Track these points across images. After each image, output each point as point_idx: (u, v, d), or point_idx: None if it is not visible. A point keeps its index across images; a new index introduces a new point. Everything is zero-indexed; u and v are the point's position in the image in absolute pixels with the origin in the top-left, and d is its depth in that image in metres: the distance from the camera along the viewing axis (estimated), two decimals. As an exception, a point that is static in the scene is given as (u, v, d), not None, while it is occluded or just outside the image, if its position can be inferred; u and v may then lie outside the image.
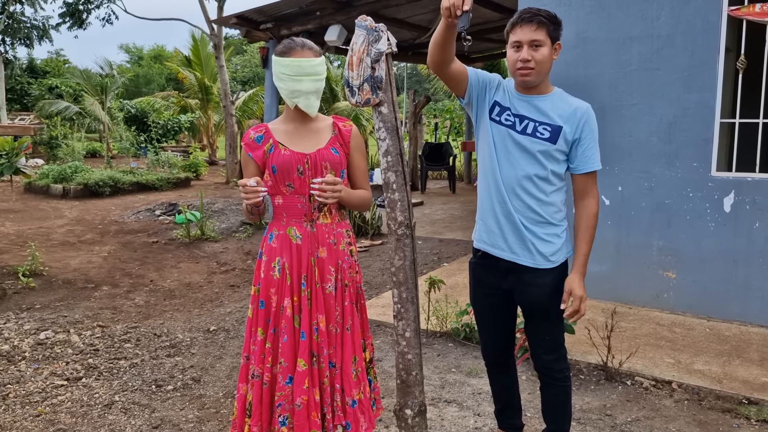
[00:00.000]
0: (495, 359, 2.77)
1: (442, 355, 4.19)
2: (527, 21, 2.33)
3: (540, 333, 2.58)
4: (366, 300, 5.29)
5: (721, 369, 3.82)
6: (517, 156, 2.42)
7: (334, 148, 2.52)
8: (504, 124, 2.45)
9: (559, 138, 2.39)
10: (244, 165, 2.56)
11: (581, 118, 2.40)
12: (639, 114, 4.83)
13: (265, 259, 2.50)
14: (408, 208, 3.06)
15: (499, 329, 2.70)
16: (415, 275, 3.09)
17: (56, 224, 9.71)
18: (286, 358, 2.44)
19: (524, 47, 2.33)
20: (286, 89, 2.43)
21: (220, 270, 6.82)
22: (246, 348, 2.54)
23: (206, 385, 3.80)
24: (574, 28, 4.98)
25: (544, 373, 2.63)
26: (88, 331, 4.75)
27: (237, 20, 8.70)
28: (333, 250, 2.51)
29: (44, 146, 19.39)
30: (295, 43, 2.46)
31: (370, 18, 2.99)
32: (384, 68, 2.97)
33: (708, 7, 4.50)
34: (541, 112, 2.42)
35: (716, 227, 4.62)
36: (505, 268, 2.51)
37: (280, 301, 2.47)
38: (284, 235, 2.49)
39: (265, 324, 2.49)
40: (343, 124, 2.60)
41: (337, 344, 2.52)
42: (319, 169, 2.46)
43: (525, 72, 2.35)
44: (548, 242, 2.46)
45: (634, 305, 4.99)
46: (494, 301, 2.63)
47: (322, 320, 2.48)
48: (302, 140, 2.51)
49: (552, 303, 2.49)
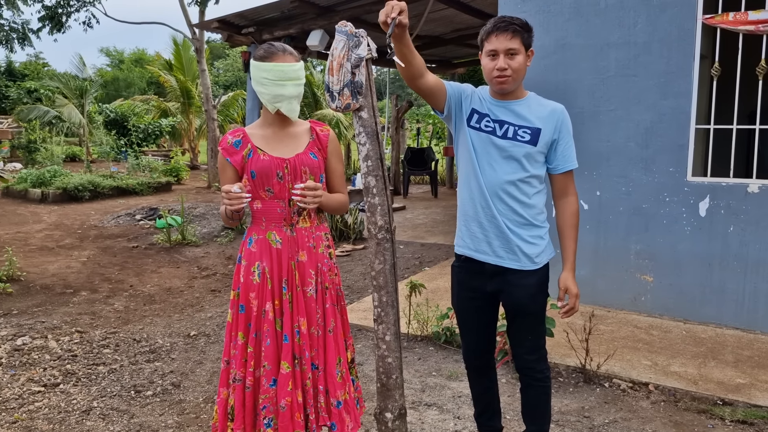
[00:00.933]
0: (476, 362, 2.79)
1: (422, 358, 4.20)
2: (503, 30, 2.37)
3: (523, 333, 2.62)
4: (348, 304, 5.32)
5: (697, 371, 3.88)
6: (500, 160, 2.46)
7: (313, 153, 2.53)
8: (484, 131, 2.49)
9: (539, 140, 2.44)
10: (222, 170, 2.54)
11: (558, 119, 2.46)
12: (616, 119, 4.90)
13: (245, 264, 2.51)
14: (388, 213, 3.08)
15: (481, 332, 2.73)
16: (395, 279, 3.10)
17: (34, 229, 9.59)
18: (269, 362, 2.45)
19: (500, 56, 2.38)
20: (268, 94, 2.43)
21: (201, 275, 6.78)
22: (226, 352, 2.54)
23: (186, 390, 3.78)
24: (553, 35, 5.05)
25: (525, 374, 2.66)
26: (66, 337, 4.70)
27: (219, 24, 8.68)
28: (313, 254, 2.52)
29: (22, 150, 19.16)
30: (276, 48, 2.46)
31: (350, 23, 3.01)
32: (364, 73, 2.99)
33: (683, 15, 4.58)
34: (519, 116, 2.46)
35: (692, 231, 4.70)
36: (491, 271, 2.54)
37: (261, 305, 2.47)
38: (264, 240, 2.49)
39: (245, 328, 2.50)
40: (321, 128, 2.61)
41: (320, 346, 2.53)
42: (298, 173, 2.47)
43: (502, 80, 2.40)
44: (533, 244, 2.50)
45: (612, 308, 5.05)
46: (477, 303, 2.65)
47: (304, 323, 2.49)
48: (281, 145, 2.51)
49: (536, 303, 2.55)
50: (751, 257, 4.52)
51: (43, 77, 28.54)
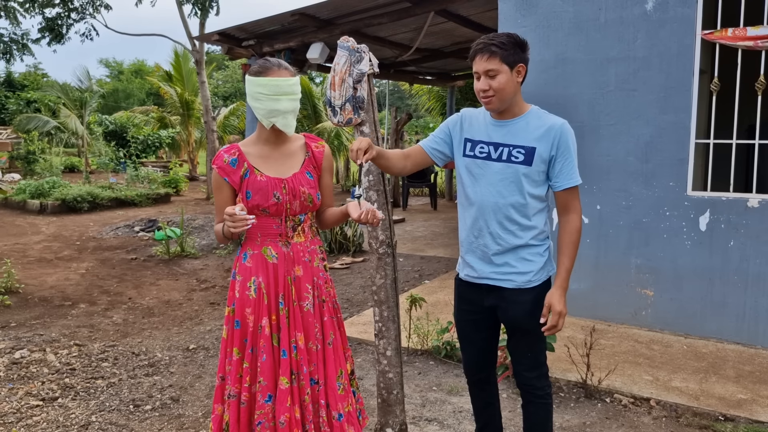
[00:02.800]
0: (477, 376, 2.78)
1: (423, 373, 4.19)
2: (480, 52, 2.37)
3: (521, 350, 2.61)
4: (348, 317, 5.31)
5: (698, 386, 3.87)
6: (497, 184, 2.45)
7: (309, 172, 2.52)
8: (479, 157, 2.49)
9: (534, 159, 2.41)
10: (217, 188, 2.51)
11: (555, 136, 2.41)
12: (616, 134, 4.92)
13: (240, 279, 2.49)
14: (389, 227, 3.08)
15: (481, 346, 2.72)
16: (396, 294, 3.10)
17: (33, 240, 9.57)
18: (265, 377, 2.43)
19: (482, 77, 2.39)
20: (263, 109, 2.41)
21: (200, 287, 6.76)
22: (221, 368, 2.52)
23: (185, 404, 3.76)
24: (553, 49, 5.08)
25: (525, 390, 2.65)
26: (64, 350, 4.68)
27: (219, 37, 8.69)
28: (309, 268, 2.52)
29: (21, 161, 19.16)
30: (271, 63, 2.45)
31: (353, 39, 3.02)
32: (366, 88, 3.01)
33: (682, 30, 4.61)
34: (514, 135, 2.45)
35: (692, 246, 4.70)
36: (487, 288, 2.54)
37: (257, 320, 2.46)
38: (259, 255, 2.48)
39: (241, 344, 2.47)
40: (316, 144, 2.60)
41: (319, 360, 2.51)
42: (297, 193, 2.46)
43: (486, 100, 2.41)
44: (529, 261, 2.49)
45: (613, 323, 5.04)
46: (477, 317, 2.64)
47: (301, 338, 2.47)
48: (277, 164, 2.49)
49: (533, 320, 2.51)
50: (751, 272, 4.52)
51: (42, 88, 28.62)
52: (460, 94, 15.18)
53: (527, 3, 5.17)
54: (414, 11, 7.04)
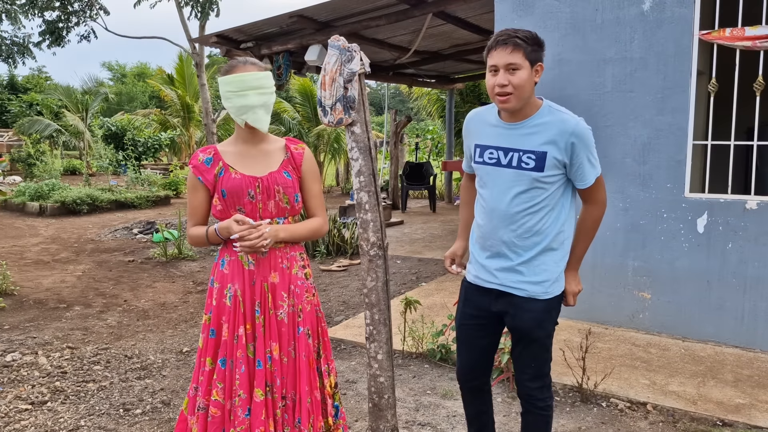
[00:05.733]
0: (471, 383, 2.71)
1: (417, 376, 4.14)
2: (502, 44, 2.23)
3: (526, 359, 2.53)
4: (343, 320, 5.26)
5: (696, 390, 3.82)
6: (507, 190, 2.36)
7: (287, 172, 2.47)
8: (489, 163, 2.41)
9: (545, 164, 2.29)
10: (192, 188, 2.47)
11: (567, 140, 2.28)
12: (613, 135, 4.88)
13: (217, 286, 2.44)
14: (381, 229, 3.04)
15: (480, 352, 2.64)
16: (388, 297, 3.05)
17: (31, 242, 9.55)
18: (244, 390, 2.36)
19: (501, 71, 2.24)
20: (233, 107, 2.37)
21: (196, 289, 6.73)
22: (195, 378, 2.47)
23: (176, 408, 3.71)
24: (550, 51, 5.03)
25: (526, 400, 2.57)
26: (56, 353, 4.64)
27: (217, 39, 8.69)
28: (286, 275, 2.46)
29: (22, 164, 19.17)
30: (238, 60, 2.42)
31: (343, 38, 2.99)
32: (357, 88, 2.97)
33: (680, 30, 4.57)
34: (525, 139, 2.32)
35: (690, 248, 4.66)
36: (498, 293, 2.47)
37: (233, 329, 2.39)
38: (236, 261, 2.43)
39: (214, 353, 2.42)
40: (296, 146, 2.56)
41: (288, 374, 2.44)
42: (271, 192, 2.41)
43: (503, 98, 2.26)
44: (544, 270, 2.41)
45: (609, 326, 4.99)
46: (481, 322, 2.57)
47: (276, 348, 2.40)
48: (253, 162, 2.45)
49: (543, 329, 2.45)
50: (750, 274, 4.47)
51: (45, 90, 28.68)
52: (460, 97, 15.14)
53: (524, 3, 5.14)
54: (412, 13, 7.01)
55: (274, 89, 2.46)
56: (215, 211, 2.44)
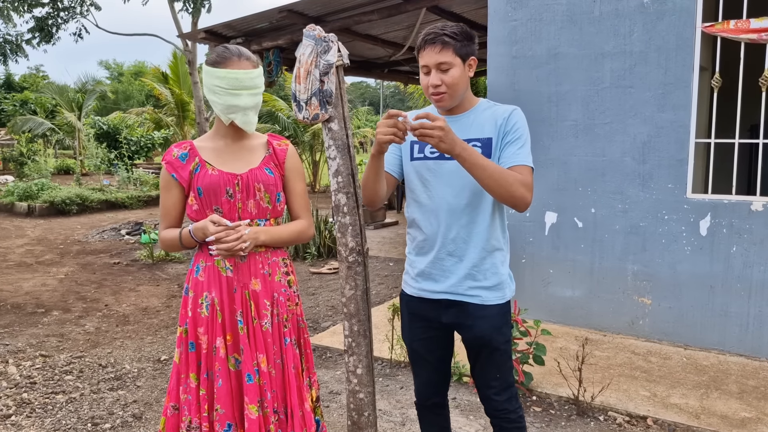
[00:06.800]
0: (431, 400, 2.51)
1: (405, 387, 3.92)
2: (431, 43, 2.11)
3: (490, 371, 2.33)
4: (331, 326, 5.04)
5: (699, 403, 3.61)
6: (453, 185, 2.19)
7: (269, 169, 2.26)
8: (430, 158, 2.23)
9: (492, 150, 2.17)
10: (165, 187, 2.26)
11: (501, 123, 2.16)
12: (612, 133, 4.66)
13: (192, 295, 2.23)
14: (360, 233, 2.81)
15: (437, 367, 2.44)
16: (368, 306, 2.83)
17: (16, 244, 9.33)
18: (222, 404, 2.16)
19: (432, 71, 2.14)
20: (221, 104, 2.16)
21: (180, 293, 6.51)
22: (173, 396, 2.25)
23: (147, 422, 3.50)
24: (545, 44, 4.82)
25: (496, 416, 2.37)
26: (28, 362, 4.42)
27: (206, 35, 8.46)
28: (267, 282, 2.25)
29: (14, 163, 18.94)
30: (231, 52, 2.19)
31: (320, 27, 2.77)
32: (334, 81, 2.74)
33: (682, 23, 4.36)
34: (467, 129, 2.19)
35: (692, 251, 4.44)
36: (447, 303, 2.27)
37: (211, 341, 2.19)
38: (212, 267, 2.21)
39: (197, 368, 2.21)
40: (278, 142, 2.35)
41: (278, 387, 2.25)
42: (251, 191, 2.20)
43: (438, 97, 2.16)
44: (494, 273, 2.24)
45: (608, 332, 4.78)
46: (432, 335, 2.37)
47: (263, 360, 2.20)
48: (233, 159, 2.24)
49: (501, 336, 2.27)
50: (755, 279, 4.26)
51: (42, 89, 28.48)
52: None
53: (518, -4, 4.91)
54: (405, 8, 6.79)
55: (263, 87, 2.26)
56: (190, 212, 2.24)
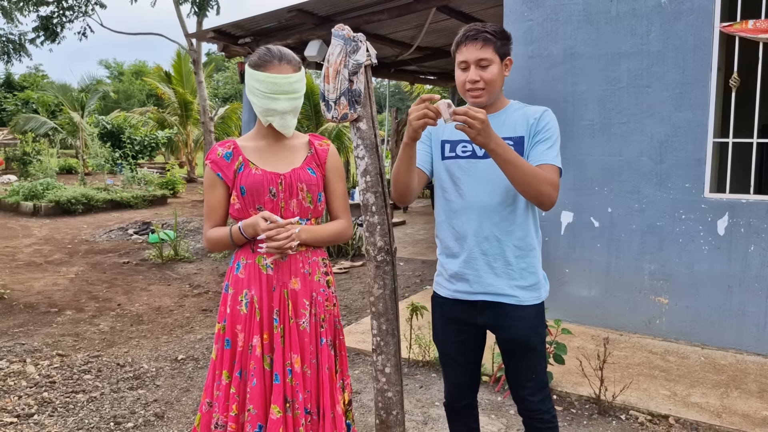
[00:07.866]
0: (462, 402, 2.51)
1: (425, 386, 3.93)
2: (472, 39, 2.13)
3: (525, 372, 2.32)
4: (345, 325, 5.04)
5: (720, 401, 3.61)
6: (486, 182, 2.19)
7: (311, 168, 2.27)
8: (462, 157, 2.23)
9: (524, 149, 2.17)
10: (210, 187, 2.27)
11: (533, 122, 2.17)
12: (629, 132, 4.66)
13: (232, 292, 2.23)
14: (388, 232, 2.81)
15: (469, 369, 2.44)
16: (396, 305, 2.83)
17: (23, 243, 9.32)
18: (255, 405, 2.15)
19: (471, 67, 2.15)
20: (260, 106, 2.18)
21: (192, 293, 6.51)
22: (209, 393, 2.26)
23: (170, 421, 3.50)
24: (561, 44, 4.82)
25: (531, 417, 2.36)
26: (45, 361, 4.42)
27: (214, 34, 8.45)
28: (307, 281, 2.25)
29: (17, 162, 18.92)
30: (272, 54, 2.18)
31: (348, 27, 2.77)
32: (363, 81, 2.74)
33: (699, 23, 4.36)
34: (499, 128, 2.18)
35: (710, 251, 4.44)
36: (483, 304, 2.27)
37: (248, 339, 2.19)
38: (253, 265, 2.22)
39: (230, 366, 2.21)
40: (320, 142, 2.36)
41: (312, 388, 2.25)
42: (294, 190, 2.21)
43: (475, 94, 2.16)
44: (530, 273, 2.24)
45: (625, 332, 4.78)
46: (467, 337, 2.37)
47: (297, 360, 2.20)
48: (275, 158, 2.25)
49: (537, 336, 2.27)
50: (773, 279, 4.26)
51: (43, 89, 28.45)
52: (461, 95, 14.92)
53: (534, -5, 4.92)
54: (415, 7, 6.79)
55: (304, 90, 2.27)
56: (233, 211, 2.25)
